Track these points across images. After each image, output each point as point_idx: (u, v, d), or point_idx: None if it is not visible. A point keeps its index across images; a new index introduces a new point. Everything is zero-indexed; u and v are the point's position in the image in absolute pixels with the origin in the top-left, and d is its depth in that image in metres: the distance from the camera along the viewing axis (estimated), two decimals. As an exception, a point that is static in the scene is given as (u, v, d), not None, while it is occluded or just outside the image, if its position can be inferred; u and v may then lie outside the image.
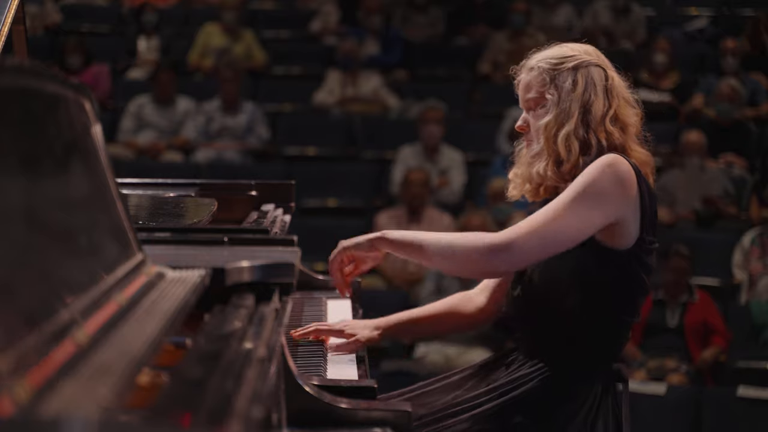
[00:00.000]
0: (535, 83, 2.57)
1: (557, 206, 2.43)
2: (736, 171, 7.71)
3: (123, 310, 1.57)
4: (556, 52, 2.59)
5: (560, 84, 2.54)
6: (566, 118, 2.51)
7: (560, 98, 2.53)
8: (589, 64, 2.58)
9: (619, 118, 2.55)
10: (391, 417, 2.17)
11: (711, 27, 9.71)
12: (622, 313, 2.51)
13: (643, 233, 2.47)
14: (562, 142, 2.50)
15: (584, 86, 2.54)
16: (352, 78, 8.87)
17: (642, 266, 2.49)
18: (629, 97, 2.63)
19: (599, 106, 2.53)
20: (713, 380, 6.25)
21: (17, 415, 1.07)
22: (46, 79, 1.64)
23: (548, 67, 2.56)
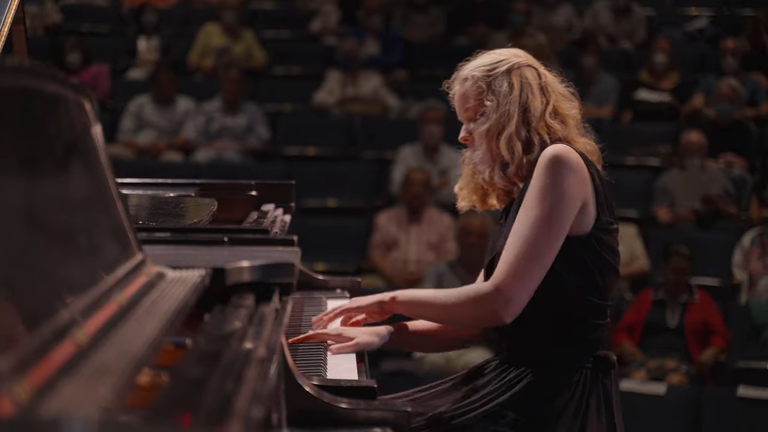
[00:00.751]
0: (472, 93, 2.61)
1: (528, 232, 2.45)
2: (736, 171, 7.72)
3: (123, 310, 1.57)
4: (486, 59, 2.62)
5: (497, 89, 2.57)
6: (507, 120, 2.55)
7: (499, 103, 2.56)
8: (520, 65, 2.61)
9: (559, 112, 2.58)
10: (391, 417, 2.17)
11: (711, 27, 9.71)
12: (593, 296, 2.51)
13: (600, 214, 2.49)
14: (505, 144, 2.54)
15: (520, 87, 2.57)
16: (352, 78, 8.88)
17: (604, 246, 2.50)
18: (565, 91, 2.64)
19: (537, 104, 2.56)
20: (713, 380, 6.25)
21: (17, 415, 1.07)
22: (46, 79, 1.64)
23: (482, 75, 2.59)
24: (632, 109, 8.54)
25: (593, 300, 2.51)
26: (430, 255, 7.09)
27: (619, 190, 8.02)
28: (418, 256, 7.10)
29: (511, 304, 2.45)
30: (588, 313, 2.52)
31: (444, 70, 2.73)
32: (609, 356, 2.55)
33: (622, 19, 9.64)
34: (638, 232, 7.12)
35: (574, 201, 2.45)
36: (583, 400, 2.48)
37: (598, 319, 2.54)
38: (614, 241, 2.54)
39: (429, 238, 7.14)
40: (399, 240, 7.13)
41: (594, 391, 2.50)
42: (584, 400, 2.49)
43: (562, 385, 2.49)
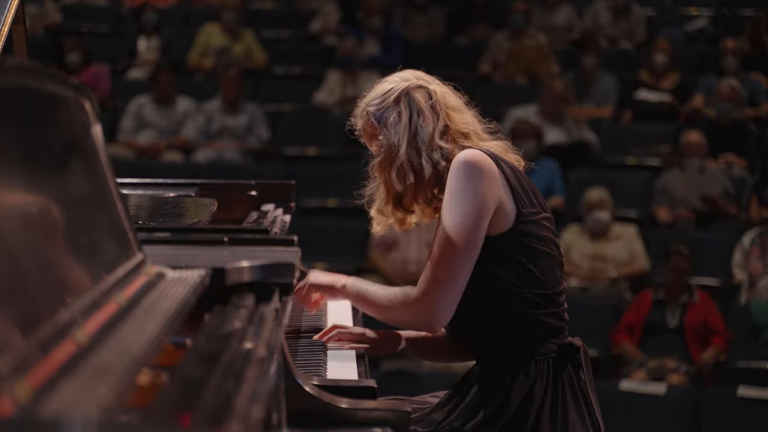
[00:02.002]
0: (368, 129, 2.66)
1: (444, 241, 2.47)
2: (736, 171, 7.71)
3: (123, 310, 1.57)
4: (377, 91, 2.65)
5: (386, 122, 2.61)
6: (396, 151, 2.58)
7: (388, 135, 2.60)
8: (408, 89, 2.61)
9: (452, 128, 2.58)
10: (391, 417, 2.17)
11: (711, 27, 9.71)
12: (531, 287, 2.51)
13: (520, 208, 2.50)
14: (396, 173, 2.58)
15: (409, 113, 2.58)
16: (352, 78, 8.87)
17: (530, 237, 2.50)
18: (458, 103, 2.65)
19: (428, 126, 2.57)
20: (713, 380, 6.25)
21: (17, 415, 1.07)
22: (46, 79, 1.64)
23: (374, 110, 2.64)
24: (632, 109, 8.54)
25: (533, 291, 2.51)
26: (430, 255, 7.08)
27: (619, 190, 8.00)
28: (418, 256, 7.10)
29: (438, 312, 2.50)
30: (531, 304, 2.51)
31: (444, 70, 2.73)
32: (573, 342, 2.55)
33: (622, 19, 9.64)
34: (638, 232, 7.12)
35: (487, 203, 2.46)
36: (558, 389, 2.50)
37: (541, 308, 2.52)
38: (543, 229, 2.53)
39: (429, 238, 7.12)
40: (399, 240, 7.13)
41: (565, 379, 2.51)
42: (558, 388, 2.50)
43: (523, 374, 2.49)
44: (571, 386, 2.51)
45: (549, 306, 2.53)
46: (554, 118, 8.03)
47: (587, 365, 2.56)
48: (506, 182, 2.49)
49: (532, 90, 8.48)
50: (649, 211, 7.55)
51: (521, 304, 2.51)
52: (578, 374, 2.54)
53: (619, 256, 7.00)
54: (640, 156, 8.08)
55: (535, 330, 2.53)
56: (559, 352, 2.53)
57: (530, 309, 2.52)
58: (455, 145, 2.56)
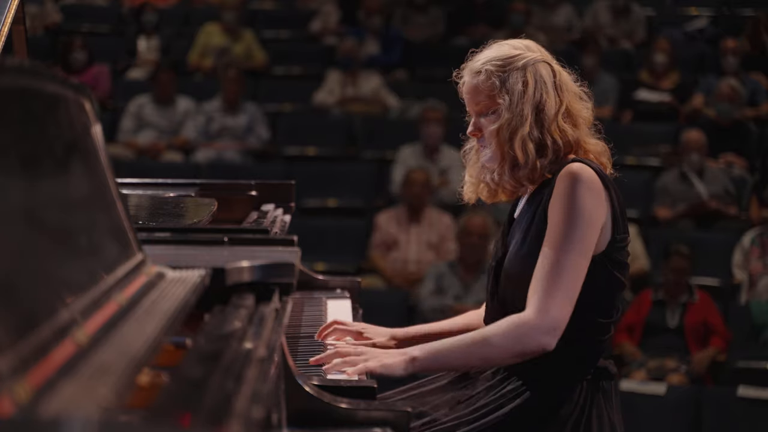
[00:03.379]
0: (484, 88, 2.51)
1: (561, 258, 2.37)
2: (736, 171, 7.71)
3: (123, 310, 1.57)
4: (500, 52, 2.52)
5: (510, 87, 2.48)
6: (520, 121, 2.46)
7: (512, 101, 2.47)
8: (535, 61, 2.51)
9: (571, 113, 2.51)
10: (391, 417, 2.17)
11: (711, 27, 9.71)
12: (601, 316, 2.47)
13: (614, 233, 2.45)
14: (519, 146, 2.46)
15: (534, 85, 2.48)
16: (352, 78, 8.87)
17: (616, 265, 2.46)
18: (578, 90, 2.57)
19: (552, 104, 2.48)
20: (713, 380, 6.25)
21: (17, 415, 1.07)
22: (46, 79, 1.64)
23: (496, 69, 2.49)
24: (632, 109, 8.54)
25: (598, 319, 2.47)
26: (430, 255, 7.09)
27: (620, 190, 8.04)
28: (418, 256, 7.10)
29: (556, 330, 2.37)
30: (591, 330, 2.48)
31: (444, 70, 2.68)
32: (609, 367, 2.52)
33: (622, 19, 9.64)
34: (638, 232, 7.12)
35: (598, 223, 2.41)
36: (585, 411, 2.46)
37: (602, 335, 2.50)
38: (626, 256, 2.50)
39: (429, 238, 7.13)
40: (399, 240, 7.13)
41: (595, 401, 2.47)
42: (585, 411, 2.46)
43: (563, 397, 2.46)
44: (598, 412, 2.47)
45: (606, 333, 2.50)
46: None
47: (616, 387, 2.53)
48: (610, 205, 2.44)
49: (532, 90, 8.47)
50: (649, 211, 7.55)
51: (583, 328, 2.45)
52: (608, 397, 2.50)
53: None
54: (640, 156, 8.08)
55: (585, 354, 2.49)
56: (595, 376, 2.49)
57: (589, 334, 2.48)
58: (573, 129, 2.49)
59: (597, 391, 2.49)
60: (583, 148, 2.52)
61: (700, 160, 7.46)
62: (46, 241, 1.48)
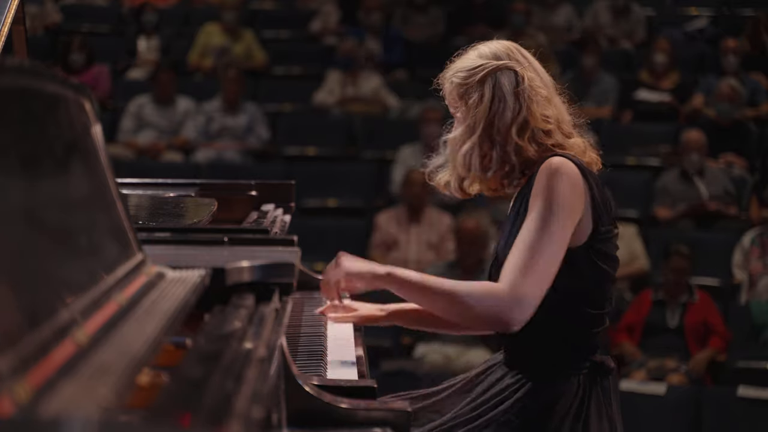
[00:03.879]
0: (450, 98, 2.59)
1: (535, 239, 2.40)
2: (736, 171, 7.71)
3: (123, 310, 1.57)
4: (466, 62, 2.57)
5: (468, 100, 2.54)
6: (469, 133, 2.52)
7: (467, 114, 2.53)
8: (497, 69, 2.52)
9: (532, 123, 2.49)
10: (391, 417, 2.17)
11: (711, 27, 9.71)
12: (590, 307, 2.49)
13: (597, 225, 2.46)
14: (462, 157, 2.53)
15: (491, 98, 2.50)
16: (352, 78, 8.87)
17: (600, 255, 2.47)
18: (545, 94, 2.53)
19: (507, 117, 2.49)
20: (713, 380, 6.25)
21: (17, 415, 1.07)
22: (46, 79, 1.64)
23: (459, 82, 2.56)
24: (632, 109, 8.55)
25: (588, 310, 2.49)
26: (430, 255, 7.09)
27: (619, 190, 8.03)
28: (418, 256, 7.10)
29: (521, 307, 2.38)
30: (582, 322, 2.49)
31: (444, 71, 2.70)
32: (606, 361, 2.52)
33: (622, 19, 9.64)
34: (638, 232, 7.12)
35: (574, 213, 2.43)
36: (584, 405, 2.47)
37: (594, 327, 2.51)
38: (612, 248, 2.51)
39: (429, 238, 7.14)
40: (399, 240, 7.13)
41: (593, 396, 2.48)
42: (584, 404, 2.47)
43: (560, 391, 2.47)
44: (597, 405, 2.48)
45: (597, 325, 2.52)
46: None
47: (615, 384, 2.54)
48: (590, 197, 2.46)
49: (532, 90, 8.47)
50: (649, 211, 7.55)
51: (574, 320, 2.49)
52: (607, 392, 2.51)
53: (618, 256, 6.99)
54: (640, 156, 8.08)
55: (579, 346, 2.51)
56: (591, 368, 2.50)
57: (581, 326, 2.50)
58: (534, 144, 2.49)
59: (595, 385, 2.49)
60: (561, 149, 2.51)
61: (700, 160, 7.47)
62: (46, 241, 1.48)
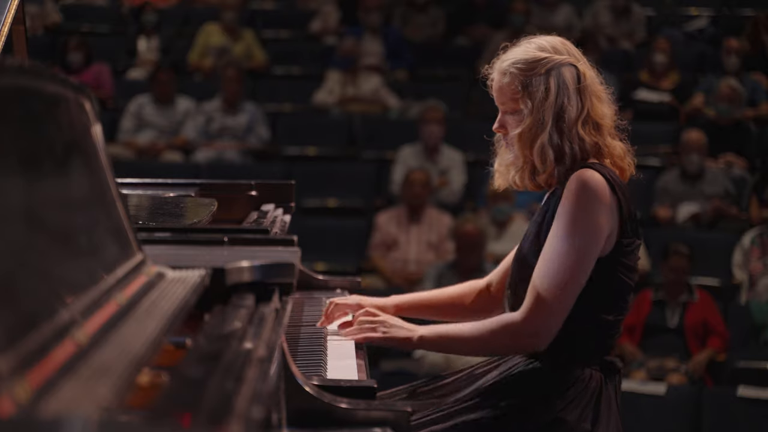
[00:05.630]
0: (508, 90, 2.55)
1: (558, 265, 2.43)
2: (736, 171, 7.71)
3: (123, 310, 1.57)
4: (526, 54, 2.54)
5: (533, 92, 2.52)
6: (540, 127, 2.51)
7: (533, 107, 2.51)
8: (560, 64, 2.53)
9: (592, 118, 2.54)
10: (391, 417, 2.17)
11: (711, 27, 9.71)
12: (609, 314, 2.52)
13: (621, 238, 2.49)
14: (537, 152, 2.52)
15: (556, 92, 2.51)
16: (352, 78, 8.87)
17: (623, 268, 2.51)
18: (602, 92, 2.59)
19: (572, 111, 2.51)
20: (713, 380, 6.25)
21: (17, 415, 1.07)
22: (46, 79, 1.64)
23: (519, 73, 2.53)
24: (632, 109, 8.54)
25: (605, 317, 2.51)
26: (430, 255, 7.09)
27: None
28: (418, 256, 7.10)
29: (540, 336, 2.46)
30: (600, 327, 2.52)
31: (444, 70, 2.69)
32: (615, 362, 2.56)
33: (622, 19, 9.64)
34: (638, 232, 7.11)
35: (602, 233, 2.46)
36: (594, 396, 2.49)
37: (610, 331, 2.54)
38: (634, 260, 2.54)
39: (429, 238, 7.14)
40: (399, 240, 7.13)
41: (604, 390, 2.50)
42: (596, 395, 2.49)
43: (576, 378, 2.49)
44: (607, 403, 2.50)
45: (614, 330, 2.55)
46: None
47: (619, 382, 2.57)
48: (617, 211, 2.48)
49: (532, 90, 8.47)
50: (649, 211, 7.55)
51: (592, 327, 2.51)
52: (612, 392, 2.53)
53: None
54: (640, 156, 8.06)
55: (594, 348, 2.54)
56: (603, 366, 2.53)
57: (599, 331, 2.53)
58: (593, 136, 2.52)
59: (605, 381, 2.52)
60: (604, 151, 2.55)
61: (700, 160, 7.46)
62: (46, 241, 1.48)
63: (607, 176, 2.49)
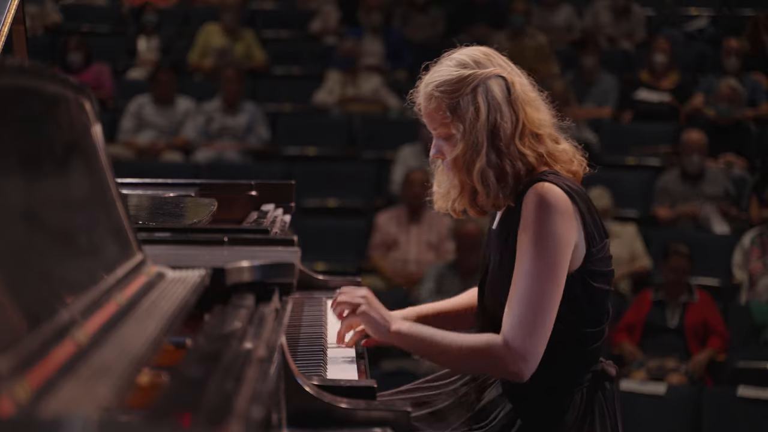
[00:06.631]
0: (437, 116, 2.43)
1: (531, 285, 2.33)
2: (736, 171, 7.71)
3: (123, 310, 1.57)
4: (448, 74, 2.42)
5: (462, 114, 2.38)
6: (476, 150, 2.38)
7: (465, 130, 2.38)
8: (486, 78, 2.40)
9: (529, 129, 2.41)
10: (391, 417, 2.17)
11: (711, 27, 9.71)
12: (588, 326, 2.44)
13: (590, 247, 2.40)
14: (477, 177, 2.39)
15: (487, 110, 2.38)
16: (352, 78, 8.87)
17: (597, 276, 2.42)
18: (535, 98, 2.45)
19: (507, 126, 2.38)
20: (713, 380, 6.25)
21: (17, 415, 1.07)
22: (46, 79, 1.64)
23: (445, 97, 2.40)
24: (632, 109, 8.55)
25: (586, 330, 2.45)
26: (430, 255, 7.09)
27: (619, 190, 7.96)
28: (418, 256, 7.10)
29: (527, 361, 2.35)
30: (581, 341, 2.45)
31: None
32: (607, 368, 2.49)
33: (622, 19, 9.64)
34: (638, 232, 7.12)
35: (569, 246, 2.36)
36: (587, 416, 2.45)
37: (593, 343, 2.47)
38: (606, 263, 2.45)
39: (429, 238, 7.14)
40: (399, 240, 7.13)
41: (596, 403, 2.46)
42: (588, 415, 2.45)
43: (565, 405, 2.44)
44: (601, 413, 2.46)
45: (597, 341, 2.47)
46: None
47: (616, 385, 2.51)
48: (581, 222, 2.38)
49: (532, 90, 8.48)
50: (649, 211, 7.55)
51: (573, 341, 2.44)
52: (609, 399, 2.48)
53: (619, 255, 7.01)
54: (640, 156, 8.08)
55: (579, 363, 2.47)
56: (593, 379, 2.47)
57: (581, 345, 2.46)
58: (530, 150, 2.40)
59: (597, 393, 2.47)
60: (551, 160, 2.43)
61: (701, 161, 7.47)
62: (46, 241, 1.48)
63: (563, 186, 2.37)
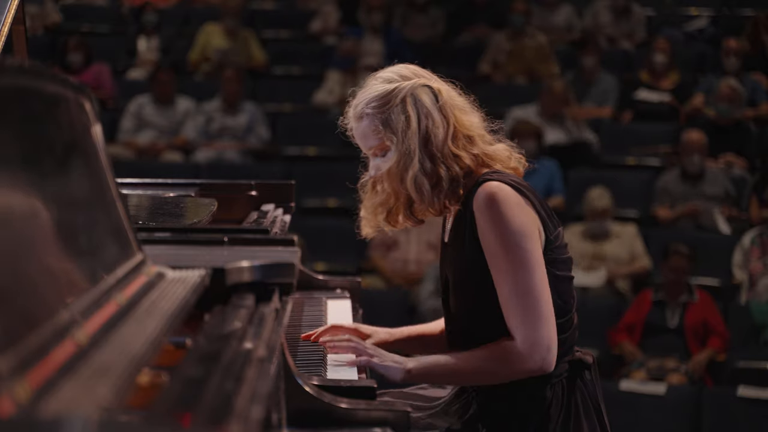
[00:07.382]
0: (370, 132, 2.46)
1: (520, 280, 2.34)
2: (736, 171, 7.71)
3: (123, 310, 1.57)
4: (376, 90, 2.46)
5: (394, 125, 2.42)
6: (409, 158, 2.41)
7: (398, 140, 2.41)
8: (413, 88, 2.44)
9: (461, 132, 2.44)
10: (391, 417, 2.17)
11: (711, 27, 9.71)
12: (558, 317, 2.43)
13: (548, 235, 2.42)
14: (411, 184, 2.41)
15: (417, 117, 2.41)
16: (352, 78, 8.87)
17: (557, 263, 2.43)
18: (463, 103, 2.49)
19: (439, 131, 2.41)
20: (713, 380, 6.25)
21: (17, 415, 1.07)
22: (46, 79, 1.64)
23: (377, 112, 2.44)
24: (632, 109, 8.54)
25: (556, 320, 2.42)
26: (430, 255, 7.09)
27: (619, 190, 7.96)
28: (418, 256, 7.10)
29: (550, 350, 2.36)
30: None
31: (444, 70, 2.65)
32: (584, 358, 2.49)
33: (622, 19, 9.64)
34: (638, 232, 7.12)
35: (534, 232, 2.38)
36: (570, 407, 2.45)
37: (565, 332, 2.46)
38: (563, 250, 2.47)
39: (429, 238, 7.13)
40: (399, 240, 7.13)
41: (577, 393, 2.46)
42: (570, 406, 2.45)
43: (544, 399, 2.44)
44: (583, 401, 2.46)
45: (567, 330, 2.47)
46: (554, 118, 8.04)
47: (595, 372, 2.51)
48: (535, 212, 2.40)
49: (532, 90, 8.49)
50: (649, 211, 7.55)
51: None
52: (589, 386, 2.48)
53: (619, 255, 7.00)
54: (640, 156, 8.08)
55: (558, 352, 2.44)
56: (571, 369, 2.48)
57: None
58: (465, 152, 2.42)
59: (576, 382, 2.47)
60: (489, 159, 2.45)
61: (701, 161, 7.47)
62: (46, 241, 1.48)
63: (508, 182, 2.40)
